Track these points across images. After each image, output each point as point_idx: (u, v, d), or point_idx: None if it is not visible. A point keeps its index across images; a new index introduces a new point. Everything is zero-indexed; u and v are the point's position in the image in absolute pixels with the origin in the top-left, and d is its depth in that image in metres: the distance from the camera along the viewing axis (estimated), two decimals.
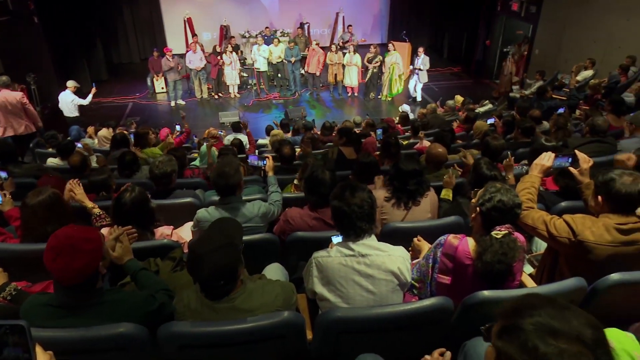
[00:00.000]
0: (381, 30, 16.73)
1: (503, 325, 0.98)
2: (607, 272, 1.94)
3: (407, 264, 1.98)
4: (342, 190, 1.98)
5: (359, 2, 15.90)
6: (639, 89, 7.70)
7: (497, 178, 2.89)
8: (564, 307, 0.95)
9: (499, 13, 13.63)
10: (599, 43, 10.33)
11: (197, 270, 1.69)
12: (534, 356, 0.88)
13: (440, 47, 16.49)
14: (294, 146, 5.25)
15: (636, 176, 2.07)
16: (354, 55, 11.73)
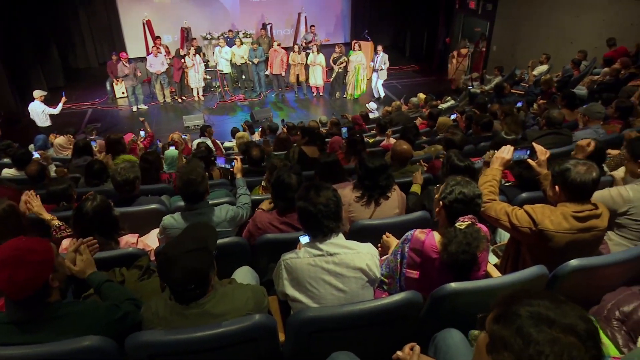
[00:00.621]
0: (344, 29, 16.84)
1: (500, 311, 1.00)
2: (566, 258, 2.02)
3: (375, 260, 2.00)
4: (307, 191, 1.98)
5: (320, 2, 15.94)
6: (591, 82, 8.04)
7: (470, 167, 2.95)
8: (561, 301, 0.97)
9: (458, 11, 13.98)
10: (552, 39, 10.74)
11: (168, 272, 1.66)
12: (527, 341, 0.90)
13: (402, 45, 16.74)
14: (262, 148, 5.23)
15: (589, 165, 2.16)
16: (317, 55, 11.76)
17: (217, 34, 13.52)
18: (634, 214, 2.45)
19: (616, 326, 1.87)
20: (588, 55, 9.36)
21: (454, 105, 9.76)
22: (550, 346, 0.88)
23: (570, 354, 0.87)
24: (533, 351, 0.88)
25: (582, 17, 9.85)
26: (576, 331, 0.90)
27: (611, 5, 9.15)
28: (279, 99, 12.34)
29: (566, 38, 10.36)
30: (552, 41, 10.70)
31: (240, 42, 11.87)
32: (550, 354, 0.87)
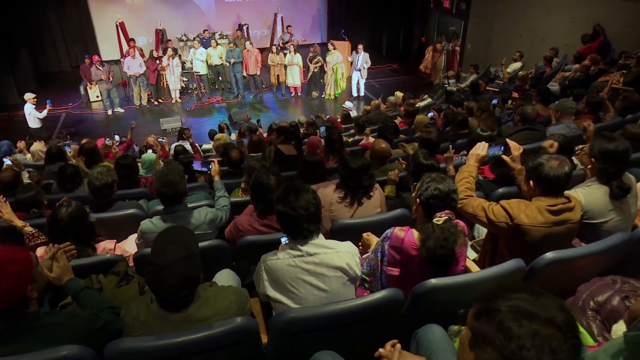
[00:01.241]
0: (320, 29, 16.87)
1: (480, 307, 1.02)
2: (542, 251, 2.06)
3: (355, 258, 2.00)
4: (286, 194, 1.96)
5: (296, 2, 15.93)
6: (562, 78, 8.23)
7: (434, 166, 2.99)
8: (539, 293, 0.99)
9: (432, 10, 14.15)
10: (524, 36, 10.96)
11: (161, 282, 1.63)
12: (508, 336, 0.91)
13: (378, 44, 16.85)
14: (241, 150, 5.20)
15: (562, 160, 2.21)
16: (294, 55, 11.75)
17: (192, 36, 13.39)
18: (589, 218, 2.47)
19: (591, 316, 1.92)
20: (559, 52, 9.59)
21: (431, 103, 9.88)
22: (531, 340, 0.89)
23: (551, 345, 0.88)
24: (515, 346, 0.90)
25: (553, 15, 10.08)
26: (555, 323, 0.91)
27: (579, 4, 9.40)
28: (257, 99, 12.28)
29: (538, 36, 10.59)
30: (525, 39, 10.93)
31: (215, 43, 11.78)
32: (531, 348, 0.88)
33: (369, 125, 7.30)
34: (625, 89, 6.06)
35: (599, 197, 2.47)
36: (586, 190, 2.52)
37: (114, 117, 11.14)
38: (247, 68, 11.79)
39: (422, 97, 10.60)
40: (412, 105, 8.07)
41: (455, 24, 13.56)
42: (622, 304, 1.89)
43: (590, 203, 2.47)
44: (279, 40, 13.49)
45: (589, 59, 7.93)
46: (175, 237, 1.76)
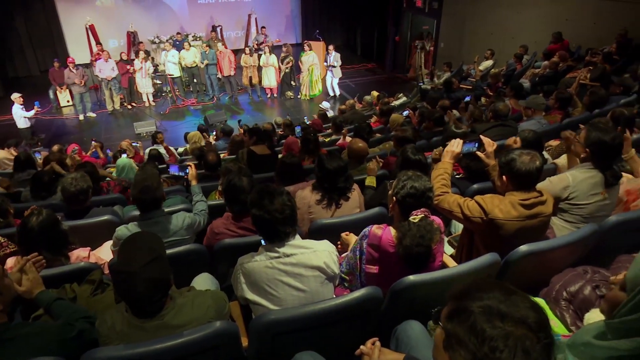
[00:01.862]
0: (295, 30, 16.84)
1: (453, 307, 1.01)
2: (516, 245, 2.10)
3: (332, 256, 2.01)
4: (260, 197, 1.94)
5: (270, 3, 15.87)
6: (532, 75, 8.43)
7: (422, 161, 3.02)
8: (511, 292, 0.98)
9: (405, 10, 14.29)
10: (495, 35, 11.18)
11: (131, 289, 1.60)
12: (481, 338, 0.91)
13: (353, 44, 16.94)
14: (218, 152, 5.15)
15: (533, 155, 2.26)
16: (270, 56, 11.71)
17: (165, 38, 13.21)
18: (574, 199, 2.57)
19: (564, 306, 1.97)
20: (529, 50, 9.81)
21: (406, 102, 9.97)
22: (504, 341, 0.89)
23: (524, 346, 0.88)
24: (488, 348, 0.90)
25: (522, 13, 10.31)
26: (527, 323, 0.91)
27: (547, 3, 9.64)
28: (232, 101, 12.19)
29: (508, 34, 10.82)
30: (496, 37, 11.14)
31: (189, 45, 11.65)
32: (504, 349, 0.88)
33: (346, 125, 7.33)
34: (592, 84, 6.25)
35: (587, 179, 2.57)
36: (575, 172, 2.63)
37: (86, 122, 10.89)
38: (221, 70, 11.70)
39: (397, 95, 10.70)
40: (387, 104, 8.14)
41: (428, 23, 13.73)
42: (594, 293, 1.94)
43: (578, 184, 2.56)
44: (253, 41, 13.42)
45: (557, 55, 8.14)
46: (140, 242, 1.72)
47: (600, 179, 2.55)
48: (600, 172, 2.57)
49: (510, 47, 10.29)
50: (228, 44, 13.42)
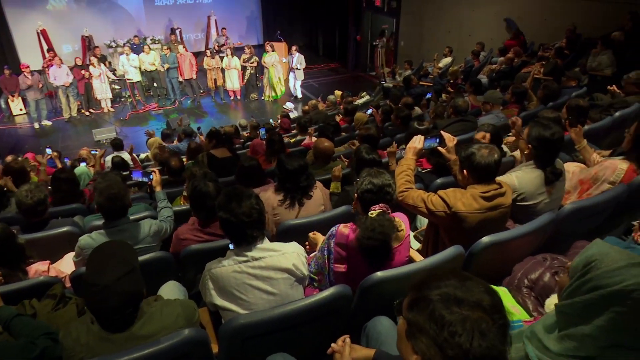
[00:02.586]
0: (256, 31, 16.75)
1: (413, 298, 1.05)
2: (479, 236, 2.17)
3: (301, 258, 2.01)
4: (228, 200, 1.92)
5: (230, 4, 15.72)
6: (490, 71, 8.68)
7: (377, 160, 3.06)
8: (466, 278, 1.03)
9: (365, 9, 14.45)
10: (453, 32, 11.46)
11: (103, 302, 1.55)
12: (440, 324, 0.95)
13: (315, 44, 16.99)
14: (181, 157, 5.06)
15: (491, 148, 2.33)
16: (232, 59, 11.60)
17: (122, 41, 12.86)
18: (522, 200, 2.63)
19: (526, 293, 2.05)
20: (485, 46, 10.11)
21: (369, 100, 10.08)
22: (462, 325, 0.93)
23: (480, 328, 0.93)
24: (447, 333, 0.93)
25: (477, 10, 10.62)
26: (482, 306, 0.96)
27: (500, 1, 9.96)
28: (195, 105, 12.01)
29: (465, 31, 11.11)
30: (453, 34, 11.42)
31: (148, 48, 11.39)
32: (462, 333, 0.92)
33: (311, 125, 7.35)
34: (545, 78, 6.50)
35: (532, 179, 2.63)
36: (520, 173, 2.67)
37: (41, 131, 10.48)
38: (182, 73, 11.50)
39: (361, 94, 10.80)
40: (351, 103, 8.21)
41: (387, 22, 13.93)
42: (553, 279, 2.02)
43: (524, 185, 2.62)
44: (214, 43, 13.26)
45: (512, 51, 8.43)
46: (112, 252, 1.67)
47: (542, 177, 2.62)
48: (541, 169, 2.62)
49: (468, 44, 10.58)
50: (188, 47, 13.21)
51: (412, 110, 6.35)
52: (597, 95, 5.35)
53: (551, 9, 8.84)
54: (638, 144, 2.64)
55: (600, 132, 4.12)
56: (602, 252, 1.19)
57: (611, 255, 1.18)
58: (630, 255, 1.17)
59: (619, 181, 2.67)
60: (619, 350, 1.14)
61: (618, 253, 1.18)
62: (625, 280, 1.11)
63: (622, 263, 1.14)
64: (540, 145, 2.61)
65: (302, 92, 12.54)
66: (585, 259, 1.21)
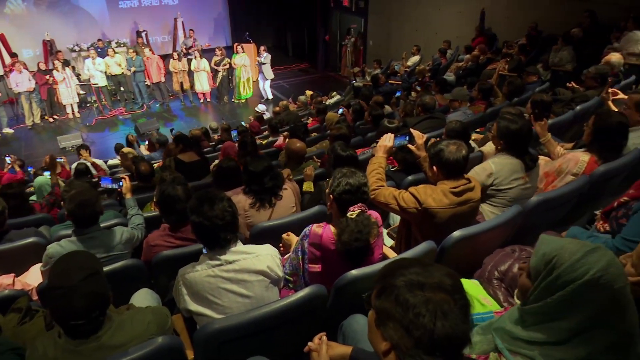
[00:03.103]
0: (224, 33, 16.60)
1: (380, 287, 1.09)
2: (450, 231, 2.21)
3: (275, 260, 2.00)
4: (200, 203, 1.89)
5: (196, 6, 15.52)
6: (456, 69, 8.85)
7: (353, 156, 3.07)
8: (428, 264, 1.08)
9: (333, 9, 14.52)
10: (420, 31, 11.63)
11: (69, 305, 1.49)
12: (405, 307, 0.99)
13: (284, 45, 16.96)
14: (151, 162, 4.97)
15: (459, 144, 2.38)
16: (201, 61, 11.46)
17: (86, 45, 12.54)
18: (498, 185, 2.73)
19: (496, 285, 2.09)
20: (452, 44, 10.30)
21: (340, 100, 10.13)
22: (425, 306, 0.98)
23: (442, 308, 0.97)
24: (412, 315, 0.98)
25: (443, 10, 10.80)
26: (444, 287, 1.01)
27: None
28: (164, 108, 11.81)
29: (431, 30, 11.29)
30: (421, 33, 11.59)
31: (113, 52, 11.13)
32: (426, 314, 0.97)
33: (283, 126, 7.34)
34: (510, 74, 6.67)
35: (507, 165, 2.73)
36: (497, 159, 2.78)
37: (2, 139, 10.11)
38: (149, 76, 11.29)
39: (331, 94, 10.85)
40: (321, 103, 8.23)
41: (355, 21, 14.04)
42: None
43: (499, 171, 2.72)
44: (181, 45, 13.07)
45: (477, 49, 8.61)
46: (75, 259, 1.63)
47: (519, 164, 2.73)
48: (518, 158, 2.74)
49: (435, 43, 10.75)
50: (155, 50, 12.98)
51: (383, 108, 6.41)
52: (559, 90, 5.53)
53: (513, 7, 9.08)
54: (597, 137, 2.74)
55: (563, 126, 4.26)
56: (557, 247, 1.22)
57: (566, 247, 1.21)
58: (581, 243, 1.22)
59: (581, 173, 2.76)
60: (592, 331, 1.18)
61: (571, 244, 1.21)
62: (590, 269, 1.15)
63: (580, 254, 1.18)
64: (510, 139, 2.71)
65: (272, 92, 12.50)
66: (543, 258, 1.23)
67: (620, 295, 1.15)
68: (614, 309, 1.16)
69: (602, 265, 1.14)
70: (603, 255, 1.17)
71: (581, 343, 1.18)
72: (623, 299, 1.15)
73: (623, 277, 1.16)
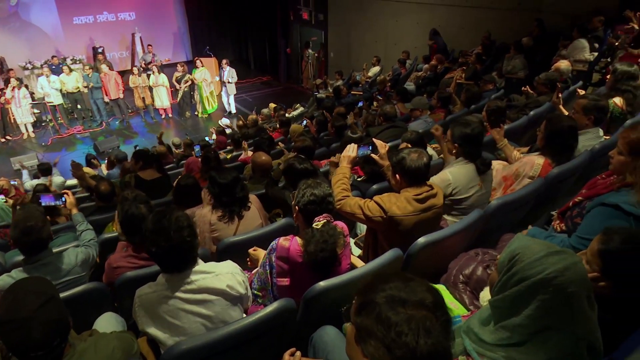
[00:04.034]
0: (184, 47, 16.42)
1: (360, 302, 1.07)
2: (416, 238, 2.24)
3: (236, 277, 1.95)
4: (156, 224, 1.82)
5: (154, 21, 15.29)
6: (416, 78, 9.07)
7: (309, 169, 3.09)
8: (409, 279, 1.06)
9: (293, 22, 14.63)
10: (379, 42, 11.87)
11: (26, 338, 1.41)
12: (387, 325, 0.98)
13: (246, 58, 16.94)
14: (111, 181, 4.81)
15: (420, 152, 2.43)
16: (159, 76, 11.29)
17: (39, 63, 12.12)
18: (457, 194, 2.80)
19: (462, 288, 2.14)
20: (410, 55, 10.56)
21: (303, 112, 10.18)
22: (407, 324, 0.96)
23: (425, 326, 0.96)
24: (394, 334, 0.96)
25: (400, 21, 11.08)
26: (426, 304, 1.00)
27: (420, 10, 10.46)
28: (124, 125, 11.54)
29: (390, 41, 11.55)
30: (380, 44, 11.84)
31: (68, 69, 10.81)
32: (408, 332, 0.96)
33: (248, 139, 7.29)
34: (467, 83, 6.89)
35: (465, 173, 2.81)
36: (453, 169, 2.85)
37: None
38: (107, 93, 11.02)
39: (295, 106, 10.89)
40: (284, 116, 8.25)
41: (316, 34, 14.19)
42: (485, 273, 2.13)
43: (457, 179, 2.79)
44: (140, 61, 12.85)
45: (435, 59, 8.86)
46: (26, 287, 1.54)
47: (474, 170, 2.82)
48: (472, 162, 2.83)
49: (394, 53, 11.00)
50: (113, 66, 12.69)
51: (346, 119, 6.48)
52: (514, 97, 5.75)
53: (467, 18, 9.42)
54: (549, 141, 2.86)
55: (518, 131, 4.42)
56: (523, 246, 1.28)
57: (531, 247, 1.26)
58: (548, 245, 1.27)
59: (537, 175, 2.87)
60: (547, 333, 1.22)
61: (537, 245, 1.27)
62: (546, 269, 1.20)
63: (541, 254, 1.23)
64: (465, 142, 2.82)
65: (236, 106, 12.44)
66: (509, 254, 1.29)
67: (573, 300, 1.19)
68: (567, 312, 1.19)
69: (559, 268, 1.19)
70: (564, 259, 1.21)
71: (539, 346, 1.22)
72: (577, 303, 1.19)
73: (581, 284, 1.20)
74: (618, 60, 5.22)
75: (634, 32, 5.63)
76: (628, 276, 1.47)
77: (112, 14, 14.57)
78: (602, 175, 2.35)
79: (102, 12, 14.43)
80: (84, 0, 14.03)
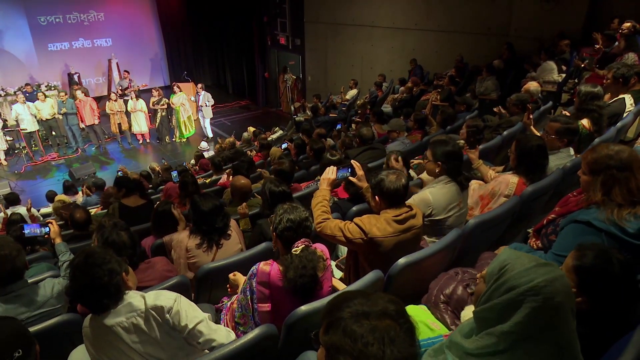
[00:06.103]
0: (162, 73, 16.42)
1: (327, 322, 1.09)
2: (396, 259, 2.25)
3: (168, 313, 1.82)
4: (77, 268, 1.76)
5: (131, 47, 15.29)
6: (392, 100, 9.24)
7: (286, 192, 3.08)
8: (371, 294, 1.11)
9: (270, 47, 14.81)
10: (355, 66, 12.09)
11: None
12: (353, 338, 1.00)
13: (224, 83, 17.02)
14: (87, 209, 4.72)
15: (398, 173, 2.47)
16: (137, 101, 11.23)
17: (12, 90, 11.92)
18: (435, 215, 2.84)
19: (443, 308, 2.14)
20: (386, 77, 10.78)
21: (282, 135, 10.23)
22: (372, 334, 0.99)
23: (389, 334, 1.00)
24: (361, 345, 0.99)
25: (376, 45, 11.33)
26: (388, 314, 1.04)
27: (395, 35, 10.74)
28: (100, 151, 11.37)
29: (367, 64, 11.78)
30: (356, 68, 12.06)
31: (43, 95, 10.66)
32: (374, 342, 0.98)
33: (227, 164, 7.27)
34: (442, 104, 7.05)
35: (444, 194, 2.85)
36: (434, 190, 2.89)
37: None
38: (82, 119, 10.88)
39: (274, 129, 10.94)
40: (264, 139, 8.28)
41: (293, 58, 14.37)
42: (465, 292, 2.14)
43: (437, 200, 2.83)
44: (117, 87, 12.76)
45: (410, 81, 9.06)
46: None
47: (455, 191, 2.87)
48: (454, 180, 2.89)
49: (371, 76, 11.22)
50: (89, 92, 12.58)
51: (324, 141, 6.53)
52: (487, 117, 5.90)
53: (440, 42, 9.70)
54: (521, 160, 2.94)
55: (493, 150, 4.53)
56: (513, 257, 1.33)
57: (521, 258, 1.32)
58: (537, 258, 1.32)
59: (512, 194, 2.93)
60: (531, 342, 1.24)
61: (527, 257, 1.32)
62: (536, 278, 1.24)
63: (531, 264, 1.28)
64: (448, 159, 2.89)
65: (213, 130, 12.43)
66: (499, 263, 1.33)
67: (560, 310, 1.23)
68: (554, 322, 1.23)
69: (548, 278, 1.23)
70: (552, 271, 1.26)
71: (522, 354, 1.24)
72: (563, 314, 1.23)
73: (566, 296, 1.24)
74: (585, 81, 5.43)
75: (598, 54, 5.88)
76: (602, 291, 1.50)
77: (88, 40, 14.55)
78: (574, 193, 2.41)
79: (77, 39, 14.39)
80: (60, 27, 13.98)
